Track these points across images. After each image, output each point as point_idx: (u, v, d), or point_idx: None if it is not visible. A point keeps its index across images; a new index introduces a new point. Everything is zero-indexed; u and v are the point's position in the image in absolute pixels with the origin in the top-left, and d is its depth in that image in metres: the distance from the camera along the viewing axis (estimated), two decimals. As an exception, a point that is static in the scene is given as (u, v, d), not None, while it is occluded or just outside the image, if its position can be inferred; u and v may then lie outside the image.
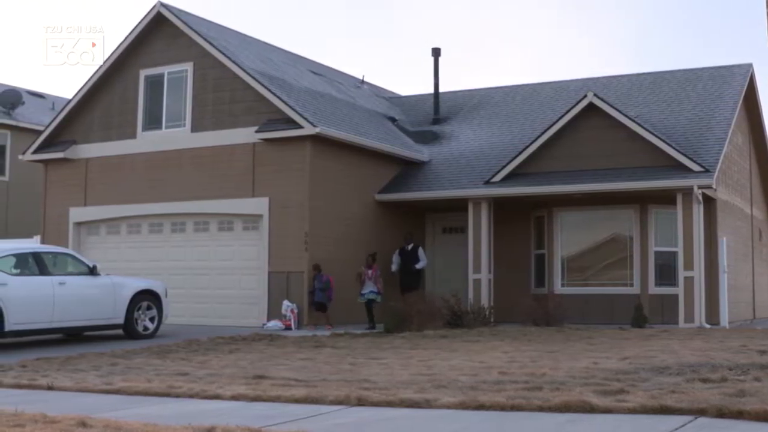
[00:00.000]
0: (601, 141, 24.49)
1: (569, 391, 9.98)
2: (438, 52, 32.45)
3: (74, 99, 27.63)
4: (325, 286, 23.11)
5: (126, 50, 26.65)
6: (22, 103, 37.58)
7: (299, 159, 23.78)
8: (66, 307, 18.57)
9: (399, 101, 34.63)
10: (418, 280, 25.28)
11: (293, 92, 25.47)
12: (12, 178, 36.36)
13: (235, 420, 8.75)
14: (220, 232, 24.94)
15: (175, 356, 15.95)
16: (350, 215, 25.17)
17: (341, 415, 9.32)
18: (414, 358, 14.77)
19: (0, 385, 12.40)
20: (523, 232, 26.60)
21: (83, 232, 27.54)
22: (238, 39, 28.25)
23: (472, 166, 26.84)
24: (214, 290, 24.02)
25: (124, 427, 8.45)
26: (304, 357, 15.33)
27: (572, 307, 23.75)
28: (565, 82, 31.82)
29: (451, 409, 9.38)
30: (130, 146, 26.61)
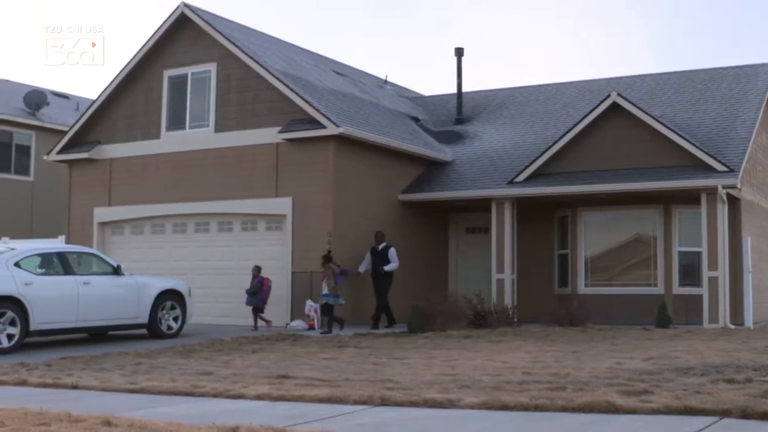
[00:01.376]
0: (625, 141, 24.40)
1: (593, 391, 9.95)
2: (461, 52, 32.43)
3: (98, 99, 27.75)
4: (256, 288, 22.99)
5: (150, 51, 26.74)
6: (46, 103, 37.80)
7: (323, 159, 23.81)
8: (90, 306, 18.64)
9: (422, 101, 34.61)
10: (387, 283, 23.55)
11: (316, 92, 25.50)
12: (37, 179, 36.56)
13: (258, 419, 8.77)
14: (243, 232, 24.99)
15: (199, 356, 16.00)
16: (373, 215, 25.15)
17: (365, 415, 9.33)
18: (437, 358, 14.77)
19: (25, 384, 12.48)
20: (547, 232, 26.55)
21: (107, 232, 27.66)
22: (262, 39, 28.30)
23: (496, 166, 26.81)
24: (237, 290, 24.04)
25: (148, 426, 8.49)
26: (327, 357, 15.35)
27: (596, 307, 23.69)
28: (588, 81, 31.74)
29: (474, 410, 9.38)
30: (154, 146, 26.70)
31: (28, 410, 9.47)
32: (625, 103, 24.48)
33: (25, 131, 36.72)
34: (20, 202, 35.90)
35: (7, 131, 36.07)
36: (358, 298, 23.98)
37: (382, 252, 23.60)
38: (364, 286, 24.12)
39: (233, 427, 8.29)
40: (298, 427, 8.56)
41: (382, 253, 23.58)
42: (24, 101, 37.27)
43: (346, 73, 31.57)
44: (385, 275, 23.51)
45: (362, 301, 24.09)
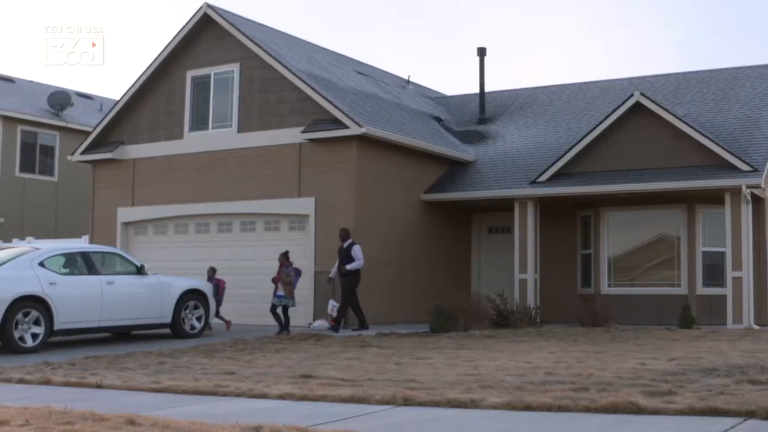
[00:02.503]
0: (648, 140, 24.31)
1: (616, 392, 9.93)
2: (483, 52, 32.39)
3: (122, 100, 27.86)
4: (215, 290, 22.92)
5: (173, 51, 26.82)
6: (70, 104, 38.00)
7: (345, 159, 23.82)
8: (114, 306, 18.72)
9: (445, 101, 34.60)
10: (351, 282, 22.15)
11: (339, 92, 25.52)
12: (61, 179, 36.75)
13: (282, 419, 8.79)
14: (266, 231, 25.03)
15: (222, 355, 16.04)
16: (396, 215, 25.16)
17: (388, 415, 9.33)
18: (460, 358, 14.76)
19: (50, 383, 12.55)
20: (570, 232, 26.50)
21: (131, 231, 27.76)
22: (284, 40, 28.35)
23: (518, 166, 26.77)
24: (260, 290, 24.07)
25: (172, 425, 8.52)
26: (350, 357, 15.36)
27: (619, 307, 23.64)
28: (611, 81, 31.66)
29: (497, 410, 9.37)
30: (177, 147, 26.78)
31: (52, 409, 9.53)
32: (648, 103, 24.40)
33: (50, 132, 36.92)
34: (44, 203, 36.10)
35: (31, 132, 36.28)
36: (381, 297, 23.98)
37: (347, 250, 22.27)
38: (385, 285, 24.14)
39: (256, 427, 8.31)
40: (321, 427, 8.57)
41: (347, 252, 22.24)
42: (48, 102, 37.48)
43: (369, 73, 31.58)
44: (349, 274, 22.12)
45: (384, 300, 24.10)
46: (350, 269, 22.01)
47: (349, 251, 22.15)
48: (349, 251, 22.14)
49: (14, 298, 17.10)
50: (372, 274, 23.67)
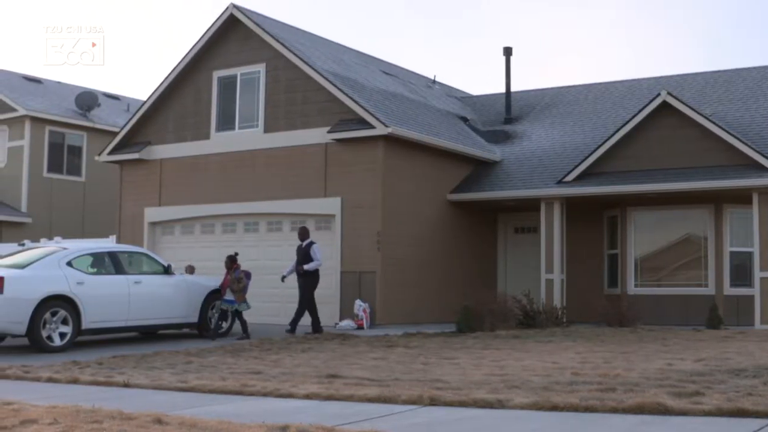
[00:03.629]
0: (675, 140, 24.22)
1: (643, 392, 9.90)
2: (509, 52, 32.34)
3: (149, 101, 27.97)
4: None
5: (199, 52, 26.91)
6: (98, 105, 38.20)
7: (371, 159, 23.84)
8: (141, 305, 18.79)
9: (471, 101, 34.57)
10: (310, 284, 21.43)
11: (365, 92, 25.54)
12: (88, 179, 36.95)
13: (308, 419, 8.81)
14: (293, 232, 25.00)
15: (249, 355, 16.07)
16: (422, 215, 25.16)
17: (414, 415, 9.34)
18: (486, 358, 14.75)
19: (77, 382, 12.61)
20: (596, 232, 26.43)
21: (158, 231, 27.87)
22: (310, 40, 28.39)
23: (545, 166, 26.72)
24: (286, 289, 24.08)
25: (199, 424, 8.55)
26: (376, 356, 15.36)
27: (646, 307, 23.56)
28: (637, 80, 31.56)
29: (524, 410, 9.36)
30: (203, 147, 26.87)
31: (80, 408, 9.58)
32: (675, 102, 24.30)
33: (77, 132, 37.13)
34: (72, 203, 36.30)
35: (59, 132, 36.49)
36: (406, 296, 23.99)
37: (305, 250, 21.51)
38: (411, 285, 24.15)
39: (283, 426, 8.33)
40: (347, 427, 8.58)
41: (305, 251, 21.49)
42: (75, 102, 37.69)
43: (395, 73, 31.60)
44: (306, 275, 21.36)
45: (410, 300, 24.11)
46: (308, 269, 21.26)
47: (308, 251, 21.46)
48: (308, 251, 21.46)
49: (42, 298, 17.19)
50: (398, 274, 23.72)
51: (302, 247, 21.60)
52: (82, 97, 37.93)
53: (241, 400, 10.59)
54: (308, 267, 21.26)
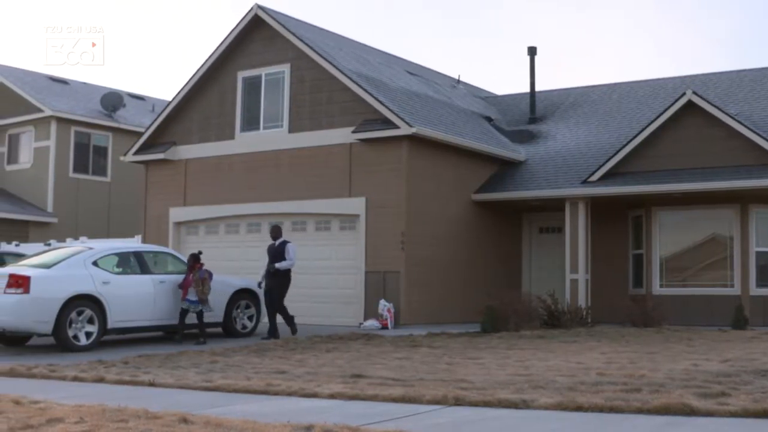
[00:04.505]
0: (701, 139, 24.12)
1: (669, 393, 9.87)
2: (534, 51, 32.28)
3: (174, 101, 28.07)
4: None
5: (224, 52, 26.98)
6: (123, 105, 38.37)
7: (396, 159, 23.84)
8: (166, 305, 18.85)
9: (495, 101, 34.53)
10: (282, 284, 20.46)
11: (389, 92, 25.54)
12: (113, 179, 37.10)
13: (333, 418, 8.83)
14: (317, 231, 25.09)
15: (273, 354, 16.11)
16: (447, 215, 25.15)
17: (439, 415, 9.34)
18: (511, 358, 14.74)
19: (103, 381, 12.68)
20: (621, 232, 26.35)
21: (183, 231, 27.96)
22: (334, 40, 28.42)
23: (569, 166, 26.66)
24: (311, 289, 24.16)
25: (224, 423, 8.58)
26: (400, 356, 15.37)
27: (671, 308, 23.46)
28: (662, 80, 31.44)
29: (548, 410, 9.35)
30: (228, 147, 26.94)
31: (106, 407, 9.63)
32: (700, 102, 24.19)
33: (102, 132, 37.29)
34: (97, 203, 36.46)
35: (84, 132, 36.65)
36: (431, 296, 23.99)
37: (279, 248, 20.57)
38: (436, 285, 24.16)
39: (308, 426, 8.35)
40: (372, 427, 8.60)
41: (278, 250, 20.54)
42: (101, 103, 37.85)
43: (419, 73, 31.59)
44: (278, 274, 20.35)
45: (434, 299, 24.10)
46: (279, 268, 20.24)
47: (281, 249, 20.51)
48: (282, 249, 20.51)
49: (68, 297, 17.30)
50: (422, 274, 23.73)
51: (275, 246, 20.65)
52: (108, 97, 38.09)
53: (266, 400, 10.62)
54: (280, 265, 20.24)
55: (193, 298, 19.12)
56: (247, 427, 8.39)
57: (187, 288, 19.15)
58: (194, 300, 19.12)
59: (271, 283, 20.34)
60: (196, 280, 19.11)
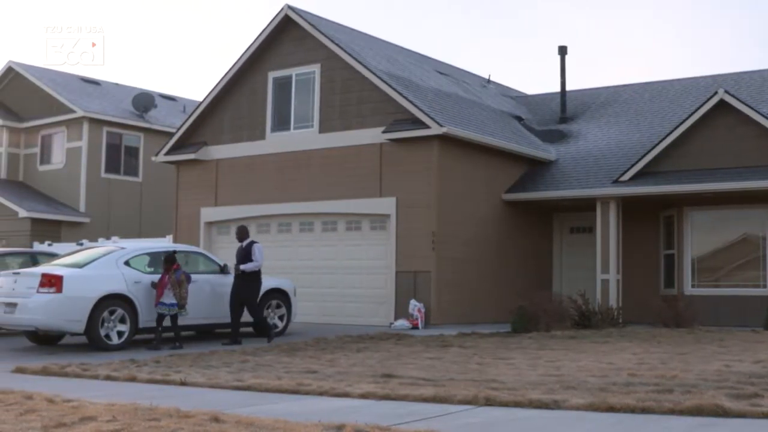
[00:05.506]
0: (733, 138, 23.97)
1: (701, 394, 9.83)
2: (564, 51, 32.18)
3: (204, 101, 28.17)
4: None
5: (254, 53, 27.04)
6: (154, 105, 38.54)
7: (426, 159, 23.82)
8: (197, 304, 18.88)
9: (525, 100, 34.46)
10: (252, 287, 19.55)
11: (420, 92, 25.53)
12: (145, 179, 37.28)
13: (364, 418, 8.84)
14: (347, 231, 25.12)
15: (304, 354, 16.13)
16: (477, 215, 25.12)
17: (470, 415, 9.34)
18: (542, 358, 14.70)
19: (135, 380, 12.75)
20: (652, 232, 26.23)
21: (214, 231, 28.06)
22: (365, 40, 28.44)
23: (600, 165, 26.56)
24: (341, 289, 24.20)
25: (255, 423, 8.61)
26: (431, 356, 15.36)
27: (702, 308, 23.30)
28: (694, 78, 31.28)
29: (580, 411, 9.33)
30: (259, 147, 27.00)
31: (138, 406, 9.69)
32: (732, 100, 24.03)
33: (134, 133, 37.48)
34: (129, 203, 36.66)
35: (116, 133, 36.85)
36: (462, 296, 23.97)
37: (246, 250, 19.76)
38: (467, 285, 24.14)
39: (339, 426, 8.37)
40: (403, 426, 8.60)
41: (246, 251, 19.73)
42: (133, 103, 38.06)
43: (449, 72, 31.56)
44: (245, 275, 19.41)
45: (465, 299, 24.09)
46: (245, 269, 19.34)
47: (248, 251, 19.65)
48: (249, 251, 19.66)
49: (100, 297, 17.43)
50: (453, 274, 23.72)
51: (242, 248, 19.80)
52: (139, 98, 38.28)
53: (297, 399, 10.65)
54: (246, 267, 19.34)
55: (168, 300, 18.13)
56: (279, 427, 8.41)
57: (162, 290, 18.19)
58: (171, 303, 18.13)
59: (239, 286, 19.37)
60: (173, 282, 18.17)
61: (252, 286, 19.53)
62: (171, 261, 18.42)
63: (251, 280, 19.47)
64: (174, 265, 18.40)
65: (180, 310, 18.24)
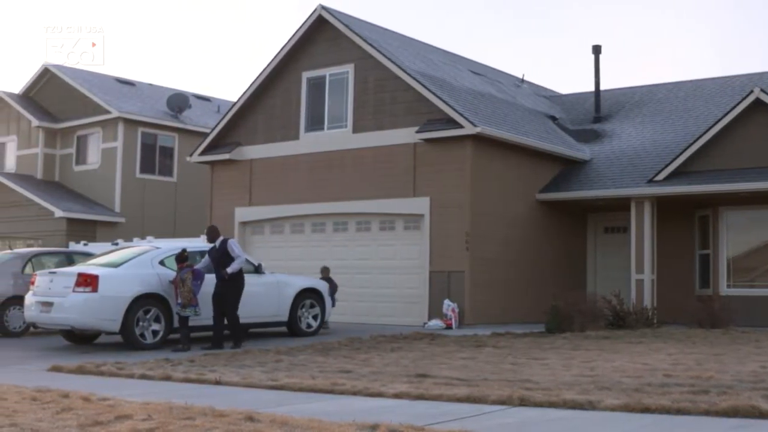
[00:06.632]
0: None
1: (737, 395, 9.78)
2: (599, 50, 32.07)
3: (239, 102, 28.26)
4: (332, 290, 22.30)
5: (288, 53, 27.10)
6: (188, 106, 38.69)
7: (460, 159, 23.80)
8: (232, 304, 18.93)
9: (559, 100, 34.36)
10: (236, 289, 18.21)
11: (453, 92, 25.51)
12: (179, 179, 37.42)
13: (398, 418, 8.84)
14: (381, 231, 25.14)
15: (338, 354, 16.15)
16: (511, 215, 25.07)
17: (504, 415, 9.33)
18: (576, 358, 14.66)
19: (170, 379, 12.81)
20: (687, 232, 26.09)
21: (248, 231, 28.14)
22: (398, 40, 28.44)
23: (635, 165, 26.45)
24: (375, 289, 24.22)
25: (290, 422, 8.63)
26: (465, 356, 15.35)
27: (738, 308, 23.16)
28: (729, 77, 31.07)
29: (615, 412, 9.30)
30: (293, 147, 27.06)
31: (173, 404, 9.74)
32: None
33: (169, 133, 37.64)
34: (164, 203, 36.82)
35: (151, 133, 37.02)
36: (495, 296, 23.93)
37: (221, 249, 18.30)
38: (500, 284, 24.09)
39: (373, 425, 8.38)
40: (437, 426, 8.60)
41: (222, 250, 18.28)
42: (167, 104, 38.22)
43: (483, 72, 31.51)
44: (231, 278, 18.10)
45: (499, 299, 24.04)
46: (233, 272, 18.03)
47: (224, 249, 18.26)
48: (225, 249, 18.26)
49: (135, 296, 17.52)
50: (486, 274, 23.68)
51: (216, 248, 18.37)
52: (174, 98, 38.44)
53: (331, 399, 10.66)
54: (232, 269, 18.00)
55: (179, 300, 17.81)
56: (313, 426, 8.43)
57: (176, 290, 17.86)
58: (179, 302, 17.79)
59: (223, 288, 18.09)
60: (178, 280, 17.78)
61: (237, 286, 18.21)
62: (180, 260, 18.01)
63: (234, 279, 18.12)
64: (182, 263, 17.95)
65: (183, 309, 17.71)
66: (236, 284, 18.21)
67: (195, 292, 17.76)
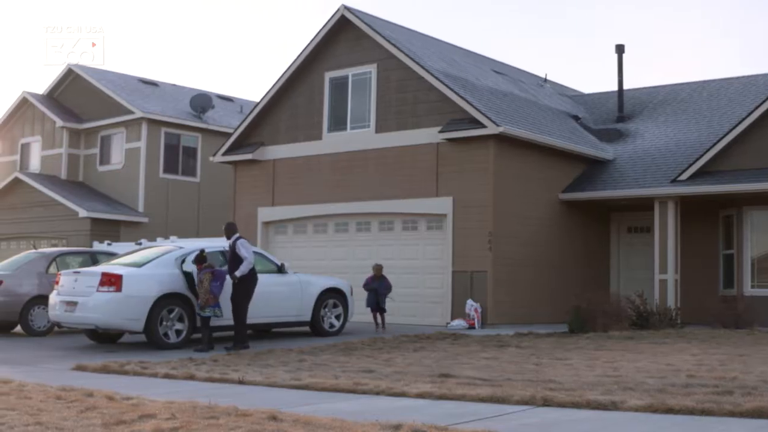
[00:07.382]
0: (794, 137, 23.69)
1: (761, 396, 9.74)
2: (622, 49, 31.96)
3: (261, 102, 28.32)
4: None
5: (311, 54, 27.15)
6: (212, 106, 38.78)
7: (483, 158, 23.78)
8: (255, 304, 18.87)
9: (582, 99, 34.27)
10: (245, 290, 17.93)
11: (476, 92, 25.48)
12: (203, 179, 37.51)
13: (421, 418, 8.84)
14: (404, 231, 25.14)
15: (361, 354, 16.17)
16: (534, 214, 25.02)
17: (527, 415, 9.32)
18: (599, 359, 14.63)
19: (193, 379, 12.86)
20: (711, 232, 25.97)
21: (271, 231, 28.20)
22: (421, 40, 28.44)
23: (658, 165, 26.35)
24: (398, 289, 24.19)
25: (313, 421, 8.65)
26: (488, 356, 15.34)
27: (762, 309, 23.05)
28: (753, 76, 30.91)
29: (638, 412, 9.28)
30: (315, 147, 27.10)
31: (197, 404, 9.78)
32: (793, 99, 23.75)
33: (192, 134, 37.72)
34: (187, 203, 36.91)
35: (174, 134, 37.12)
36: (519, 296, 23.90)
37: (232, 249, 18.08)
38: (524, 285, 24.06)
39: (396, 425, 8.38)
40: (460, 426, 8.60)
41: (232, 251, 18.05)
42: (190, 104, 38.32)
43: (506, 72, 31.47)
44: (242, 281, 17.77)
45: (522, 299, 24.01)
46: (242, 275, 17.69)
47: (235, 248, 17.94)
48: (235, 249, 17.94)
49: (159, 296, 17.60)
50: (509, 274, 23.66)
51: (229, 247, 18.22)
52: (197, 99, 38.54)
53: (354, 398, 10.68)
54: (241, 272, 17.65)
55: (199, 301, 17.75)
56: (336, 426, 8.45)
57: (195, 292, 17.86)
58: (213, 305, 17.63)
59: (233, 289, 17.87)
60: (198, 282, 17.75)
61: (245, 287, 17.89)
62: (198, 261, 17.86)
63: (243, 280, 17.77)
64: (200, 264, 17.78)
65: (202, 310, 17.61)
66: (245, 286, 17.87)
67: (215, 292, 17.58)
